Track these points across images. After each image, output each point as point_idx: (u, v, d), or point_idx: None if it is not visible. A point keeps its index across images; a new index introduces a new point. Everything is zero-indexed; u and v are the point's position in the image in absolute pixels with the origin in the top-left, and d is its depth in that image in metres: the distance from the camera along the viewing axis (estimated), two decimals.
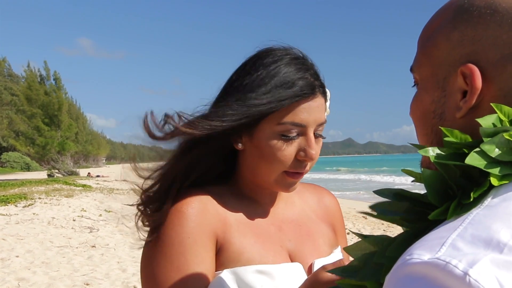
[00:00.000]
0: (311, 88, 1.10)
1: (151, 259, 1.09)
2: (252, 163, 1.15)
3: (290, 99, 1.07)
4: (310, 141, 1.11)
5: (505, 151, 0.55)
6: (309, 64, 1.15)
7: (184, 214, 1.09)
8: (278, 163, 1.10)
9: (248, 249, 1.11)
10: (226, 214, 1.14)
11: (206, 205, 1.12)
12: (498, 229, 0.47)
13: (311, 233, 1.25)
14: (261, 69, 1.10)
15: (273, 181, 1.14)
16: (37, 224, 10.37)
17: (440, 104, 0.68)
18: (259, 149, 1.11)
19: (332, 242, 1.29)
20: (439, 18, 0.72)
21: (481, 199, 0.54)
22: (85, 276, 6.59)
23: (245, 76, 1.12)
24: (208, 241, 1.09)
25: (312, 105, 1.10)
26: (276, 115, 1.08)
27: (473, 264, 0.44)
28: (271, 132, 1.09)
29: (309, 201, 1.34)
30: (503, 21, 0.63)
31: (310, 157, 1.11)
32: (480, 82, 0.63)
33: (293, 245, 1.19)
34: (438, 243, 0.48)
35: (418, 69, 0.73)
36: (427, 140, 0.72)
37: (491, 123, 0.58)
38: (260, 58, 1.13)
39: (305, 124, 1.09)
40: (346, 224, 11.38)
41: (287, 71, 1.09)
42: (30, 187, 19.46)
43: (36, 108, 43.38)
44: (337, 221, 1.37)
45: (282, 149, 1.09)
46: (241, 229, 1.14)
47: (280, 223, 1.22)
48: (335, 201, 1.41)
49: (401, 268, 0.49)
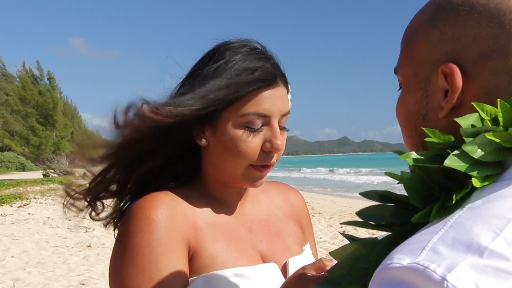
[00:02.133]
0: (272, 76, 1.09)
1: (121, 269, 1.03)
2: (217, 159, 1.12)
3: (251, 85, 1.05)
4: (275, 131, 1.09)
5: (488, 152, 0.55)
6: (268, 55, 1.14)
7: (153, 220, 1.04)
8: (243, 156, 1.08)
9: (222, 253, 1.08)
10: (195, 218, 1.11)
11: (175, 210, 1.08)
12: (479, 232, 0.47)
13: (280, 233, 1.24)
14: (220, 59, 1.09)
15: (240, 176, 1.11)
16: (32, 224, 10.34)
17: (423, 105, 0.68)
18: (223, 143, 1.08)
19: (300, 239, 1.28)
20: (419, 18, 0.71)
21: (464, 201, 0.53)
22: (81, 276, 6.57)
23: (204, 67, 1.10)
24: (180, 247, 1.05)
25: (274, 94, 1.09)
26: (238, 106, 1.06)
27: (452, 268, 0.44)
28: (235, 125, 1.07)
29: (275, 200, 1.33)
30: (480, 18, 0.63)
31: (277, 147, 1.09)
32: (460, 80, 0.62)
33: (265, 246, 1.18)
34: (418, 247, 0.48)
35: (401, 70, 0.73)
36: (412, 142, 0.71)
37: (471, 123, 0.58)
38: (218, 50, 1.12)
39: (268, 114, 1.08)
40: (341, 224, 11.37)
41: (247, 61, 1.08)
42: (25, 187, 19.38)
43: (31, 108, 43.19)
44: (303, 218, 1.36)
45: (247, 141, 1.07)
46: (212, 233, 1.11)
47: (249, 223, 1.21)
48: (301, 198, 1.40)
49: (382, 273, 0.49)
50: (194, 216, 1.12)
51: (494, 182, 0.55)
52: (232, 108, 1.06)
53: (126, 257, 1.03)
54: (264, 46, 1.16)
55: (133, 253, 1.02)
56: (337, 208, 15.24)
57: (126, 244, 1.04)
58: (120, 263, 1.04)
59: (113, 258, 1.07)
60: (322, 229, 10.18)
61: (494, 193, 0.53)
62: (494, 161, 0.56)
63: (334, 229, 10.53)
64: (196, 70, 1.12)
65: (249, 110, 1.06)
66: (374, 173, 45.17)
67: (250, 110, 1.06)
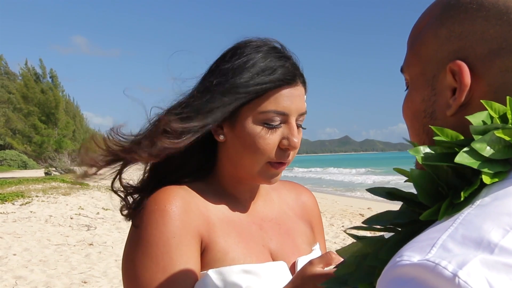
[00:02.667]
0: (292, 75, 1.11)
1: (135, 260, 1.05)
2: (234, 155, 1.14)
3: (272, 83, 1.07)
4: (293, 129, 1.11)
5: (497, 149, 0.55)
6: (288, 54, 1.15)
7: (167, 213, 1.06)
8: (261, 152, 1.09)
9: (233, 248, 1.10)
10: (208, 213, 1.13)
11: (189, 203, 1.10)
12: (489, 229, 0.47)
13: (290, 232, 1.25)
14: (241, 57, 1.10)
15: (256, 173, 1.13)
16: (34, 222, 10.34)
17: (430, 103, 0.68)
18: (242, 139, 1.10)
19: (310, 240, 1.29)
20: (427, 16, 0.71)
21: (472, 198, 0.53)
22: (83, 274, 6.58)
23: (224, 65, 1.11)
24: (193, 240, 1.07)
25: (293, 93, 1.11)
26: (258, 104, 1.08)
27: (463, 265, 0.44)
28: (254, 121, 1.09)
29: (287, 199, 1.34)
30: (489, 16, 0.63)
31: (294, 145, 1.11)
32: (468, 78, 0.62)
33: (274, 245, 1.19)
34: (428, 244, 0.48)
35: (408, 68, 0.73)
36: (419, 141, 0.71)
37: (481, 121, 0.57)
38: (239, 48, 1.13)
39: (287, 112, 1.10)
40: (343, 222, 11.40)
41: (267, 59, 1.10)
42: (27, 185, 19.39)
43: (33, 106, 43.28)
44: (314, 218, 1.37)
45: (266, 137, 1.09)
46: (224, 228, 1.13)
47: (261, 221, 1.22)
48: (313, 198, 1.41)
49: (391, 270, 0.49)
50: (208, 210, 1.13)
51: (502, 179, 0.55)
52: (252, 105, 1.08)
53: (140, 247, 1.05)
54: (284, 46, 1.18)
55: (147, 244, 1.04)
56: (338, 207, 15.25)
57: (140, 235, 1.06)
58: (134, 253, 1.06)
59: (127, 248, 1.09)
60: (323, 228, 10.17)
61: (503, 190, 0.53)
62: (503, 158, 0.55)
63: (336, 228, 10.54)
64: (218, 66, 1.13)
65: (269, 107, 1.08)
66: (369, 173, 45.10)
67: (270, 107, 1.08)
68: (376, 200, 15.74)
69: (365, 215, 12.94)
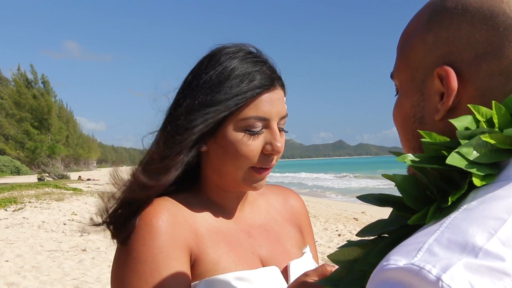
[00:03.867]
0: (270, 79, 1.10)
1: (123, 278, 1.03)
2: (217, 164, 1.12)
3: (251, 92, 1.06)
4: (275, 133, 1.10)
5: (483, 153, 0.55)
6: (264, 58, 1.15)
7: (154, 227, 1.04)
8: (244, 159, 1.09)
9: (224, 257, 1.09)
10: (196, 224, 1.11)
11: (176, 216, 1.08)
12: (474, 233, 0.47)
13: (279, 238, 1.24)
14: (217, 66, 1.09)
15: (241, 179, 1.12)
16: (27, 228, 10.29)
17: (419, 108, 0.69)
18: (224, 147, 1.09)
19: (299, 243, 1.29)
20: (415, 23, 0.72)
21: (459, 202, 0.54)
22: (76, 280, 6.54)
23: (201, 76, 1.10)
24: (181, 253, 1.05)
25: (273, 97, 1.10)
26: (238, 111, 1.07)
27: (447, 269, 0.44)
28: (236, 129, 1.08)
29: (274, 203, 1.34)
30: (474, 20, 0.64)
31: (277, 150, 1.10)
32: (455, 83, 0.63)
33: (264, 251, 1.18)
34: (415, 248, 0.48)
35: (397, 74, 0.74)
36: (409, 146, 0.72)
37: (465, 125, 0.58)
38: (214, 56, 1.12)
39: (268, 117, 1.09)
40: (337, 226, 11.42)
41: (244, 66, 1.09)
42: (20, 191, 19.30)
43: (25, 112, 43.14)
44: (303, 221, 1.37)
45: (248, 144, 1.08)
46: (213, 238, 1.11)
47: (249, 228, 1.21)
48: (300, 201, 1.40)
49: (378, 274, 0.49)
50: (195, 222, 1.12)
51: (489, 183, 0.55)
52: (232, 114, 1.07)
53: (127, 264, 1.03)
54: (259, 50, 1.17)
55: (134, 260, 1.02)
56: (333, 211, 15.26)
57: (127, 252, 1.04)
58: (122, 270, 1.04)
59: (115, 265, 1.07)
60: (317, 232, 10.18)
61: (490, 194, 0.53)
62: (490, 162, 0.56)
63: (330, 232, 10.55)
64: (194, 78, 1.12)
65: (249, 114, 1.07)
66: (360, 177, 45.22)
67: (250, 114, 1.07)
68: (370, 204, 15.75)
69: (359, 219, 12.95)
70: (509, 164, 0.57)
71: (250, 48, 1.16)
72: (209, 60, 1.12)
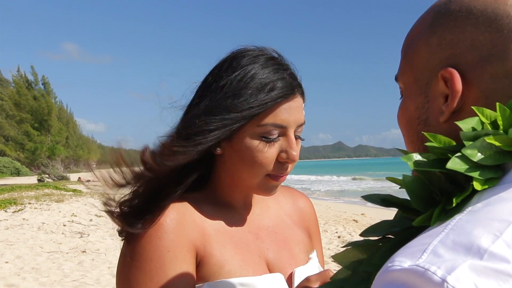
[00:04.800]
0: (291, 88, 1.08)
1: (129, 275, 1.03)
2: (232, 168, 1.12)
3: (271, 101, 1.05)
4: (291, 142, 1.09)
5: (487, 155, 0.55)
6: (285, 64, 1.13)
7: (162, 226, 1.04)
8: (259, 166, 1.07)
9: (229, 261, 1.08)
10: (204, 224, 1.11)
11: (184, 216, 1.08)
12: (479, 235, 0.47)
13: (287, 241, 1.23)
14: (238, 69, 1.07)
15: (255, 185, 1.11)
16: (27, 230, 10.28)
17: (424, 110, 0.69)
18: (240, 152, 1.08)
19: (307, 248, 1.28)
20: (419, 26, 0.73)
21: (464, 204, 0.54)
22: (76, 281, 6.54)
23: (221, 78, 1.08)
24: (187, 254, 1.05)
25: (292, 106, 1.08)
26: (257, 118, 1.05)
27: (452, 270, 0.44)
28: (252, 135, 1.06)
29: (284, 205, 1.32)
30: (478, 23, 0.64)
31: (292, 158, 1.09)
32: (460, 85, 0.63)
33: (271, 254, 1.17)
34: (419, 250, 0.48)
35: (402, 77, 0.74)
36: (413, 148, 0.72)
37: (471, 126, 0.58)
38: (235, 59, 1.10)
39: (285, 125, 1.07)
40: (337, 228, 11.41)
41: (265, 72, 1.07)
42: (20, 192, 19.28)
43: (25, 113, 43.19)
44: (312, 225, 1.36)
45: (264, 151, 1.07)
46: (220, 240, 1.11)
47: (257, 230, 1.20)
48: (310, 204, 1.39)
49: (383, 276, 0.49)
50: (203, 222, 1.11)
51: (494, 185, 0.55)
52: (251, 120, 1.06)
53: (134, 262, 1.03)
54: (281, 55, 1.15)
55: (141, 258, 1.02)
56: (332, 213, 15.26)
57: (134, 249, 1.03)
58: (128, 267, 1.03)
59: (121, 263, 1.07)
60: None
61: (495, 196, 0.53)
62: (494, 164, 0.56)
63: (330, 234, 10.54)
64: (215, 80, 1.10)
65: (267, 121, 1.06)
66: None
67: (268, 121, 1.06)
68: (370, 206, 15.77)
69: (359, 221, 12.95)
70: None
71: (272, 53, 1.14)
72: (230, 63, 1.10)
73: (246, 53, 1.11)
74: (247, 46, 1.14)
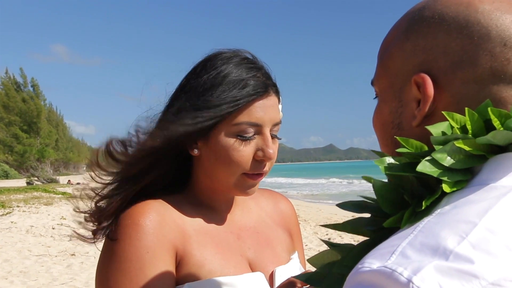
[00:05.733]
0: (264, 86, 1.10)
1: (108, 275, 1.03)
2: (209, 168, 1.13)
3: (245, 98, 1.06)
4: (267, 140, 1.10)
5: (457, 159, 0.57)
6: (259, 65, 1.15)
7: (141, 227, 1.04)
8: (236, 164, 1.08)
9: (209, 260, 1.09)
10: (184, 225, 1.12)
11: (163, 216, 1.09)
12: (446, 237, 0.48)
13: (270, 240, 1.24)
14: (211, 70, 1.09)
15: (233, 185, 1.12)
16: (15, 233, 10.21)
17: (397, 114, 0.71)
18: (216, 152, 1.09)
19: (289, 247, 1.29)
20: (394, 31, 0.74)
21: (434, 207, 0.55)
22: (64, 285, 6.50)
23: (195, 79, 1.10)
24: (167, 254, 1.06)
25: (266, 104, 1.10)
26: (231, 116, 1.07)
27: (418, 271, 0.45)
28: (227, 134, 1.08)
29: (265, 207, 1.34)
30: (450, 29, 0.66)
31: (269, 156, 1.10)
32: (432, 90, 0.65)
33: (253, 254, 1.18)
34: (389, 252, 0.50)
35: (377, 81, 0.76)
36: (387, 151, 0.74)
37: (441, 131, 0.60)
38: (209, 60, 1.12)
39: (261, 123, 1.09)
40: (327, 230, 11.43)
41: (238, 71, 1.09)
42: (8, 195, 19.15)
43: (14, 116, 42.89)
44: (293, 226, 1.37)
45: (239, 149, 1.08)
46: (200, 239, 1.11)
47: (238, 230, 1.21)
48: (290, 206, 1.41)
49: (353, 277, 0.50)
50: (183, 223, 1.12)
51: (463, 188, 0.56)
52: (225, 119, 1.07)
53: (113, 263, 1.03)
54: (255, 56, 1.17)
55: (120, 259, 1.03)
56: (323, 215, 15.29)
57: (114, 250, 1.04)
58: (107, 269, 1.04)
59: (100, 264, 1.07)
60: (307, 236, 10.20)
61: (462, 198, 0.54)
62: (463, 168, 0.57)
63: (320, 236, 10.56)
64: (188, 81, 1.12)
65: (242, 119, 1.07)
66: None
67: (243, 119, 1.07)
68: (350, 211, 15.76)
69: None
70: (482, 170, 0.58)
71: (246, 54, 1.16)
72: (204, 65, 1.12)
73: (220, 55, 1.13)
74: (222, 49, 1.16)
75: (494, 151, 0.58)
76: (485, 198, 0.53)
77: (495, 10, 0.65)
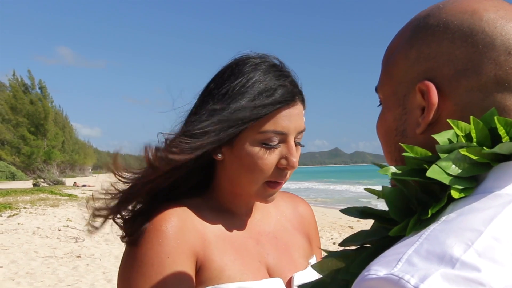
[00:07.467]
0: (291, 95, 1.10)
1: (130, 279, 1.04)
2: (232, 174, 1.13)
3: (272, 106, 1.06)
4: (292, 148, 1.10)
5: (462, 167, 0.57)
6: (286, 72, 1.15)
7: (162, 232, 1.05)
8: (259, 172, 1.09)
9: (229, 266, 1.09)
10: (204, 230, 1.12)
11: (185, 222, 1.09)
12: (452, 244, 0.49)
13: (288, 246, 1.25)
14: (240, 76, 1.09)
15: (254, 192, 1.13)
16: (21, 234, 10.25)
17: (401, 122, 0.71)
18: (240, 158, 1.09)
19: (307, 253, 1.29)
20: (398, 39, 0.75)
21: (439, 214, 0.55)
22: (70, 286, 6.52)
23: (223, 84, 1.10)
24: (187, 260, 1.07)
25: (292, 113, 1.10)
26: (257, 124, 1.07)
27: (424, 279, 0.46)
28: (252, 141, 1.08)
29: (285, 211, 1.34)
30: (454, 38, 0.66)
31: (292, 165, 1.10)
32: (436, 97, 0.65)
33: (271, 259, 1.19)
34: (395, 259, 0.50)
35: (381, 88, 0.76)
36: (391, 158, 0.74)
37: (447, 139, 0.60)
38: (238, 66, 1.12)
39: (286, 131, 1.09)
40: (332, 234, 11.40)
41: (266, 79, 1.09)
42: (15, 196, 19.21)
43: (22, 117, 43.08)
44: (311, 230, 1.37)
45: (264, 157, 1.08)
46: (220, 245, 1.12)
47: (258, 235, 1.22)
48: (310, 210, 1.41)
49: (359, 284, 0.51)
50: (204, 228, 1.13)
51: (468, 195, 0.57)
52: (251, 126, 1.07)
53: (134, 267, 1.04)
54: (283, 62, 1.17)
55: (141, 263, 1.04)
56: (328, 219, 15.25)
57: (135, 254, 1.05)
58: (128, 273, 1.05)
59: (122, 268, 1.08)
60: None
61: (468, 206, 0.55)
62: (468, 176, 0.58)
63: (325, 240, 10.54)
64: (216, 86, 1.12)
65: (268, 128, 1.07)
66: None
67: (268, 128, 1.07)
68: (353, 217, 15.70)
69: (354, 227, 12.96)
70: (487, 177, 0.58)
71: (274, 60, 1.16)
72: (232, 70, 1.12)
73: (248, 60, 1.13)
74: (249, 53, 1.16)
75: (498, 159, 0.59)
76: (490, 206, 0.54)
77: (500, 18, 0.65)
